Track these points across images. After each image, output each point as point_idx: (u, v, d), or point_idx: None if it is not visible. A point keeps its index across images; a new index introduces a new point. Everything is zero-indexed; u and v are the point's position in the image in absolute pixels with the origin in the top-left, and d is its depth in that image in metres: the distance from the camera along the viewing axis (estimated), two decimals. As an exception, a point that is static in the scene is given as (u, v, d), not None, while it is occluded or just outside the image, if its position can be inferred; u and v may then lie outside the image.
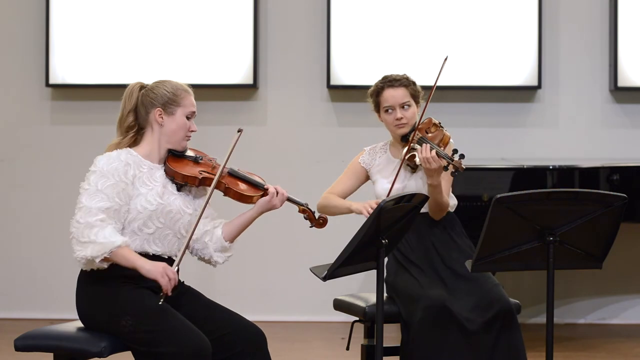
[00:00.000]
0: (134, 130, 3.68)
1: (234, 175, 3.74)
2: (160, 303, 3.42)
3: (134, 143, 3.68)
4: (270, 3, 6.71)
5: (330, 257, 3.49)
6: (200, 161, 3.72)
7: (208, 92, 6.63)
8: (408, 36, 6.58)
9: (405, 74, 4.36)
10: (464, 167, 4.06)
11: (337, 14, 6.60)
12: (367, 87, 6.57)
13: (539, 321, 6.51)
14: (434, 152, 4.06)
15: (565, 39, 6.67)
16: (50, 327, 3.68)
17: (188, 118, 3.70)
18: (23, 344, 3.56)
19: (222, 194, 3.71)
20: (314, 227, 3.83)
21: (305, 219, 3.81)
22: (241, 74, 6.63)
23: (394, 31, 6.59)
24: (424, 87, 4.39)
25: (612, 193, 3.47)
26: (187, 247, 3.52)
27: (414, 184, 4.23)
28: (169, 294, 3.44)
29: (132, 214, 3.54)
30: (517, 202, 3.38)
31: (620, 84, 6.56)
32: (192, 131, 3.72)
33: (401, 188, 4.20)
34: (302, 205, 3.78)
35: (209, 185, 3.62)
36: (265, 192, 3.73)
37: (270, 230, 6.61)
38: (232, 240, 3.76)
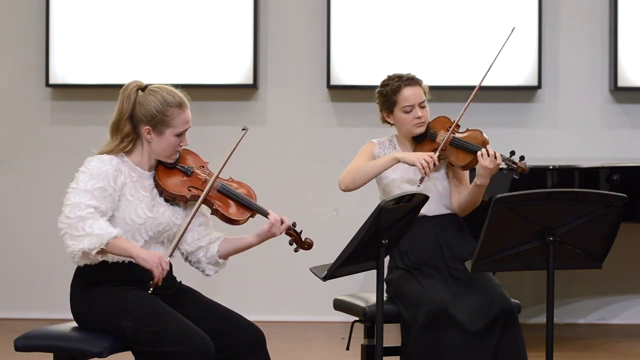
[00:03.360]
0: (129, 139, 3.56)
1: (224, 192, 3.62)
2: (149, 292, 3.39)
3: (127, 150, 3.57)
4: (270, 3, 6.71)
5: (330, 257, 3.49)
6: (190, 174, 3.60)
7: (208, 92, 6.63)
8: (408, 36, 6.59)
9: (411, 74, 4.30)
10: (528, 168, 4.10)
11: (337, 14, 6.60)
12: (367, 87, 6.65)
13: (539, 321, 6.51)
14: (498, 155, 4.08)
15: (565, 39, 6.67)
16: (50, 327, 3.67)
17: (179, 135, 3.55)
18: (23, 344, 3.56)
19: (210, 212, 3.62)
20: (299, 250, 3.68)
21: (290, 243, 3.66)
22: (241, 74, 6.63)
23: (394, 31, 6.59)
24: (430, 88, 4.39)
25: (612, 193, 3.47)
26: (178, 242, 3.49)
27: (432, 184, 4.20)
28: (159, 283, 3.39)
29: (121, 224, 3.48)
30: (517, 202, 3.38)
31: (620, 84, 6.56)
32: (182, 146, 3.58)
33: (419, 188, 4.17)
34: (289, 227, 3.65)
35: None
36: (253, 213, 3.61)
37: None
38: (226, 258, 3.71)
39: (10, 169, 6.79)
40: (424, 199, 3.59)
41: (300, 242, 3.68)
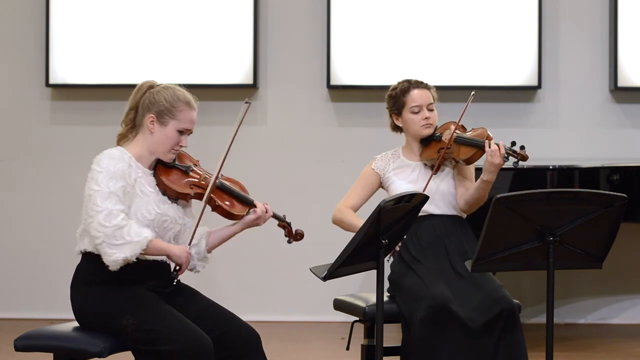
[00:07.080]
0: (129, 127, 3.64)
1: (223, 189, 3.70)
2: (174, 283, 3.55)
3: (127, 141, 3.63)
4: (270, 3, 6.71)
5: (330, 257, 3.49)
6: (189, 172, 3.66)
7: (208, 92, 6.63)
8: (408, 36, 6.59)
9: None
10: (528, 156, 4.20)
11: (337, 14, 6.60)
12: (367, 87, 6.66)
13: (539, 321, 6.51)
14: (501, 144, 4.14)
15: (565, 39, 6.67)
16: (50, 327, 3.68)
17: (181, 132, 3.61)
18: (23, 344, 3.56)
19: (210, 209, 3.69)
20: (292, 242, 3.89)
21: (286, 235, 3.86)
22: (241, 74, 6.63)
23: (394, 31, 6.59)
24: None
25: (612, 193, 3.47)
26: (194, 232, 3.63)
27: (435, 184, 4.25)
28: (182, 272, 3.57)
29: (132, 220, 3.49)
30: (517, 202, 3.38)
31: (620, 84, 6.56)
32: (181, 146, 3.63)
33: (420, 189, 4.19)
34: (282, 220, 3.83)
35: (201, 200, 3.63)
36: (250, 208, 3.74)
37: (270, 230, 6.60)
38: (210, 251, 3.81)
39: (10, 169, 6.79)
40: (424, 199, 3.60)
41: (292, 235, 3.87)
